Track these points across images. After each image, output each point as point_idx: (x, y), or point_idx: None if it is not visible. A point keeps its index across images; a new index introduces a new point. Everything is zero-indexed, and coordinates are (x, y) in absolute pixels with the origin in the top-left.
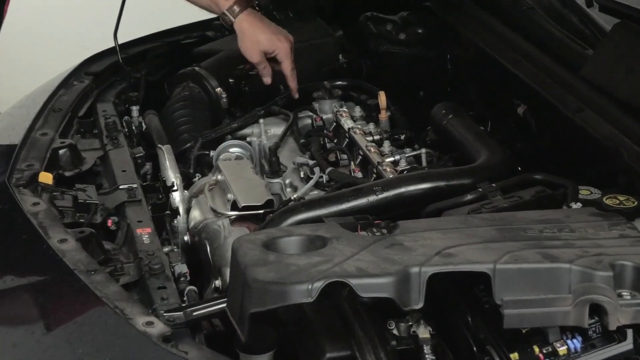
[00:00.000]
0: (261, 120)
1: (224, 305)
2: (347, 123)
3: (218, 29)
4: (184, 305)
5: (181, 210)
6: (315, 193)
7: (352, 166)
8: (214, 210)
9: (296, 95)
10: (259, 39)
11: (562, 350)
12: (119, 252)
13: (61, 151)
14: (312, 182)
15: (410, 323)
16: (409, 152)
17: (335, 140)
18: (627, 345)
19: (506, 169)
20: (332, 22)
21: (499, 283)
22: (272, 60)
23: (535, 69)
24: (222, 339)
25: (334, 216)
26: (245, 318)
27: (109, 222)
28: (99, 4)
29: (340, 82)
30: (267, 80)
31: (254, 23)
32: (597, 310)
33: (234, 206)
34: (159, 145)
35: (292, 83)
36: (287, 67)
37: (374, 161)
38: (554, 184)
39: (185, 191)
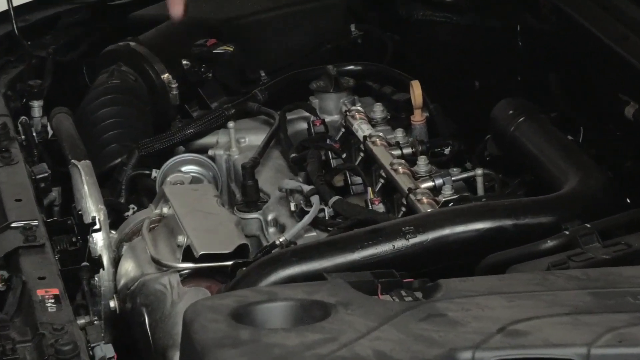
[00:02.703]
0: (231, 124)
1: None
2: (362, 129)
3: None
4: None
5: (106, 260)
6: (313, 235)
7: (370, 195)
8: (156, 262)
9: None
10: None
11: None
12: (10, 325)
13: None
14: (307, 219)
15: None
16: (456, 174)
17: (344, 155)
18: None
19: (607, 201)
20: None
21: None
22: None
23: None
24: None
25: (341, 271)
26: None
27: None
28: None
29: (352, 67)
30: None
31: None
32: None
33: (188, 255)
34: (73, 160)
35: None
36: None
37: (403, 187)
38: None
39: (113, 232)
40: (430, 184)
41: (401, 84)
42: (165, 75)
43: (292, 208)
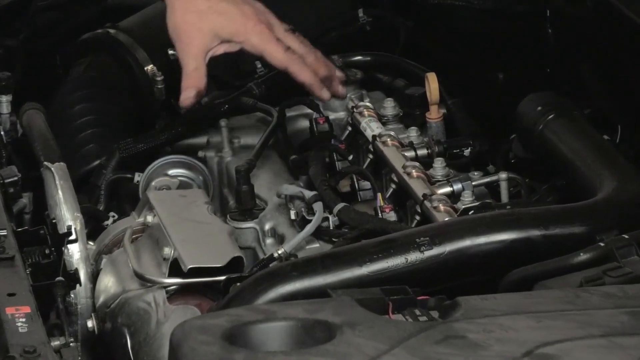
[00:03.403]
0: (223, 122)
1: None
2: (371, 127)
3: None
4: None
5: (83, 275)
6: (316, 247)
7: (380, 201)
8: (140, 276)
9: (326, 97)
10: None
11: None
12: None
13: None
14: (310, 228)
15: None
16: (477, 178)
17: (350, 157)
18: None
19: None
20: None
21: None
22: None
23: None
24: None
25: (348, 287)
26: None
27: None
28: None
29: (359, 57)
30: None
31: None
32: None
33: (175, 269)
34: (46, 163)
35: (317, 89)
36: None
37: (418, 193)
38: None
39: (91, 242)
40: (447, 189)
41: (415, 77)
42: (150, 67)
43: (293, 216)
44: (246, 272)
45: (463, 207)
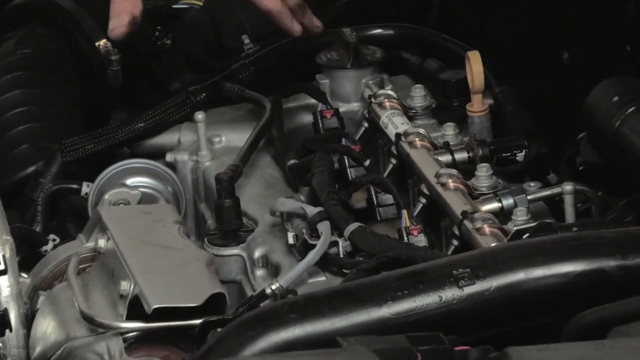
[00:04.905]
0: (200, 115)
1: None
2: (394, 123)
3: None
4: None
5: (14, 317)
6: (322, 280)
7: (406, 220)
8: (88, 319)
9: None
10: None
11: None
12: None
13: None
14: (313, 257)
15: None
16: (534, 190)
17: (366, 162)
18: None
19: None
20: None
21: None
22: None
23: None
24: None
25: (364, 333)
26: None
27: None
28: None
29: (379, 30)
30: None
31: None
32: None
33: (135, 310)
34: None
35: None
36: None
37: (455, 210)
38: None
39: (25, 275)
40: (495, 205)
41: (452, 56)
42: (102, 42)
43: (291, 240)
44: (229, 313)
45: (515, 228)
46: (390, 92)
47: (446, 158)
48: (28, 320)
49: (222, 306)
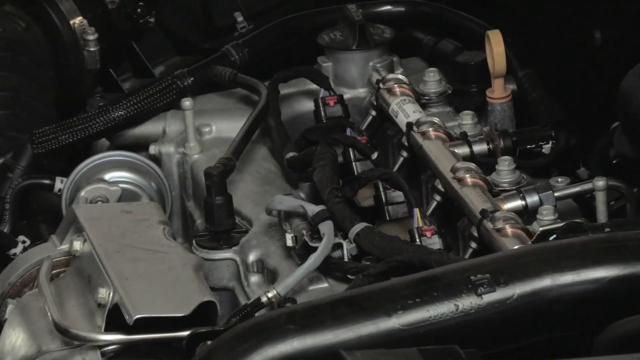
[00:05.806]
0: (187, 102)
1: None
2: (405, 111)
3: None
4: None
5: None
6: (324, 287)
7: (418, 220)
8: (62, 331)
9: None
10: None
11: None
12: None
13: None
14: (314, 261)
15: None
16: (562, 187)
17: (374, 155)
18: None
19: None
20: None
21: None
22: None
23: None
24: None
25: (371, 346)
26: None
27: None
28: None
29: (388, 7)
30: None
31: None
32: None
33: (115, 320)
34: None
35: None
36: None
37: (474, 209)
38: None
39: None
40: (518, 203)
41: (471, 36)
42: (78, 20)
43: (289, 242)
44: (221, 324)
45: (541, 229)
46: (400, 77)
47: (463, 150)
48: None
49: (213, 316)
